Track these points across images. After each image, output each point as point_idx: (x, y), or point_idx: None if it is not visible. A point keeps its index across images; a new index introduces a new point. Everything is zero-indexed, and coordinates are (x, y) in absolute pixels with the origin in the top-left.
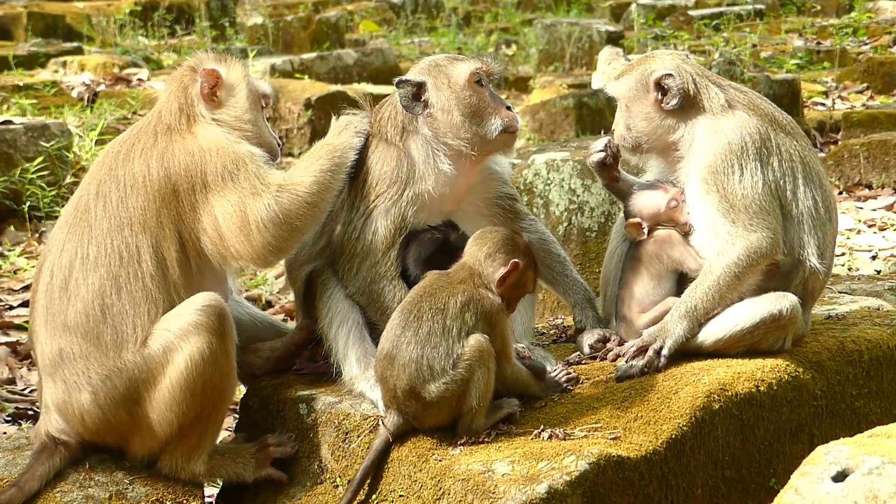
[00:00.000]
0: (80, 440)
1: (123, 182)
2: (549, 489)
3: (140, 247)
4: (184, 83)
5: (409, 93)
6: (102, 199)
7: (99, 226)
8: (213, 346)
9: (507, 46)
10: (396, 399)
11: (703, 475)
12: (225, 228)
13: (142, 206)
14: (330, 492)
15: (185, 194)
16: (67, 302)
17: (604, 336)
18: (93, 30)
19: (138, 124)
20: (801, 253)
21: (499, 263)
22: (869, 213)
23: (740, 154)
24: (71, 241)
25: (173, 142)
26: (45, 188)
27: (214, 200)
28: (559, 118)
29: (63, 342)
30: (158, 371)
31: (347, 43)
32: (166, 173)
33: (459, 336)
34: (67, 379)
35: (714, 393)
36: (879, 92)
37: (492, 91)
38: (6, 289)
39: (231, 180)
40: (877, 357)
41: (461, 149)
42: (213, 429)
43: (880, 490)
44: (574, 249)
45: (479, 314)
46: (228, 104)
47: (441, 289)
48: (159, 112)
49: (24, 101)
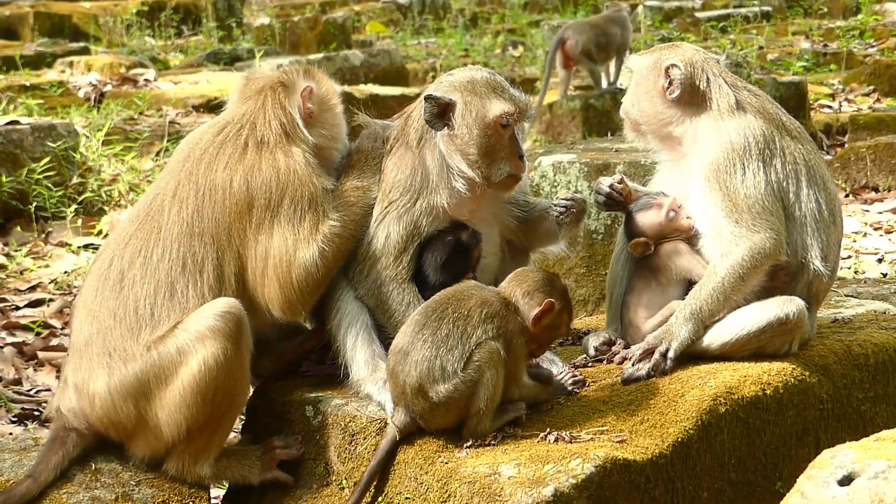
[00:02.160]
0: (88, 425)
1: (203, 191)
2: (555, 492)
3: (205, 259)
4: (279, 99)
5: (435, 109)
6: (179, 203)
7: (169, 229)
8: (229, 352)
9: (513, 48)
10: (405, 396)
11: (709, 478)
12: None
13: (217, 217)
14: (336, 494)
15: (258, 210)
16: (119, 293)
17: (609, 339)
18: (99, 30)
19: (222, 131)
20: (805, 255)
21: (535, 303)
22: (875, 215)
23: (743, 154)
24: (138, 236)
25: (262, 158)
26: (52, 189)
27: (276, 230)
28: (566, 120)
29: (103, 327)
30: (171, 370)
31: (354, 44)
32: (248, 187)
33: (476, 345)
34: (93, 356)
35: (720, 396)
36: (886, 94)
37: (514, 134)
38: (12, 289)
39: (299, 215)
40: (883, 361)
41: (473, 176)
42: (222, 434)
43: (886, 494)
44: (580, 252)
45: (499, 330)
46: (322, 119)
47: (470, 298)
48: (252, 123)
49: (30, 101)
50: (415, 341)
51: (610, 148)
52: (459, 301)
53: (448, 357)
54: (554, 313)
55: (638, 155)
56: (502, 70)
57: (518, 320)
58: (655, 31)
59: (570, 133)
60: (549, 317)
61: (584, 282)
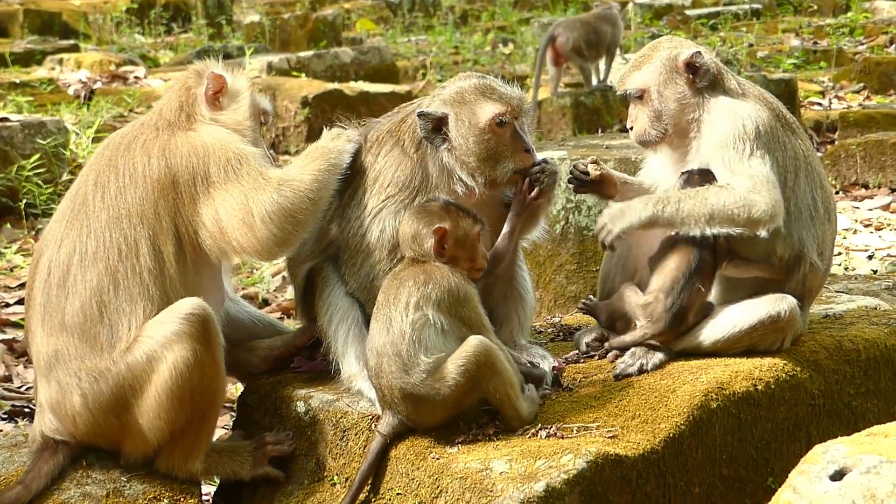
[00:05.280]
0: (75, 440)
1: (122, 172)
2: (546, 487)
3: (138, 240)
4: (188, 84)
5: (430, 125)
6: (101, 189)
7: (97, 217)
8: (199, 353)
9: (503, 45)
10: (390, 402)
11: (701, 474)
12: (227, 222)
13: (140, 196)
14: (327, 490)
15: (184, 186)
16: (65, 300)
17: (601, 335)
18: (89, 27)
19: (140, 120)
20: (802, 249)
21: (425, 238)
22: (865, 212)
23: (753, 138)
24: (69, 235)
25: (175, 136)
26: (42, 186)
27: (216, 194)
28: (556, 117)
29: (59, 342)
30: (143, 379)
31: (344, 41)
32: (167, 164)
33: (410, 309)
34: (61, 380)
35: (712, 392)
36: (876, 92)
37: (516, 130)
38: (2, 286)
39: (234, 174)
40: (874, 356)
41: (473, 186)
42: (207, 430)
43: (878, 489)
44: (571, 248)
45: (435, 293)
46: (230, 109)
47: (392, 285)
48: (160, 109)
49: (20, 98)
50: (375, 350)
51: (601, 144)
52: (387, 292)
53: (403, 349)
54: (449, 232)
55: (629, 151)
56: (492, 68)
57: (441, 268)
58: (646, 28)
59: (561, 130)
60: (447, 239)
61: (575, 278)
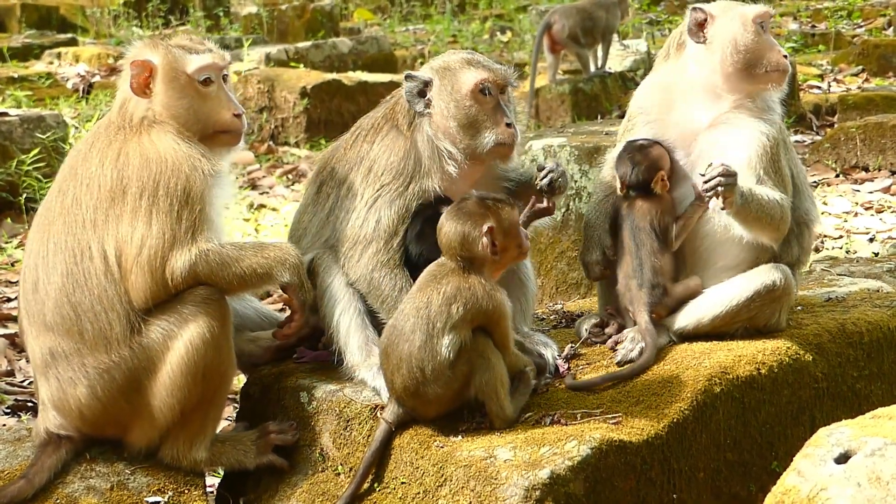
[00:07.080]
0: (80, 434)
1: (80, 180)
2: (551, 474)
3: (91, 244)
4: (123, 80)
5: (415, 88)
6: (62, 195)
7: (55, 223)
8: (215, 329)
9: (501, 33)
10: (396, 392)
11: (705, 458)
12: (135, 254)
13: (94, 205)
14: (331, 479)
15: (132, 197)
16: (42, 303)
17: (602, 321)
18: (87, 21)
19: (100, 122)
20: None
21: (476, 240)
22: (866, 195)
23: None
24: (35, 240)
25: (127, 143)
26: (42, 180)
27: (148, 218)
28: (555, 104)
29: (49, 341)
30: (159, 358)
31: (342, 31)
32: (119, 174)
33: (444, 331)
34: (61, 376)
35: (715, 376)
36: (875, 74)
37: (499, 103)
38: (3, 280)
39: (175, 212)
40: (877, 339)
41: (457, 156)
42: (215, 414)
43: (883, 471)
44: (572, 235)
45: (468, 306)
46: (168, 93)
47: (429, 283)
48: (110, 113)
49: (19, 92)
50: (391, 341)
51: (600, 131)
52: (420, 290)
53: (421, 356)
54: (496, 227)
55: None
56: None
57: (483, 283)
58: (643, 14)
59: (560, 117)
60: (496, 234)
61: (577, 265)
